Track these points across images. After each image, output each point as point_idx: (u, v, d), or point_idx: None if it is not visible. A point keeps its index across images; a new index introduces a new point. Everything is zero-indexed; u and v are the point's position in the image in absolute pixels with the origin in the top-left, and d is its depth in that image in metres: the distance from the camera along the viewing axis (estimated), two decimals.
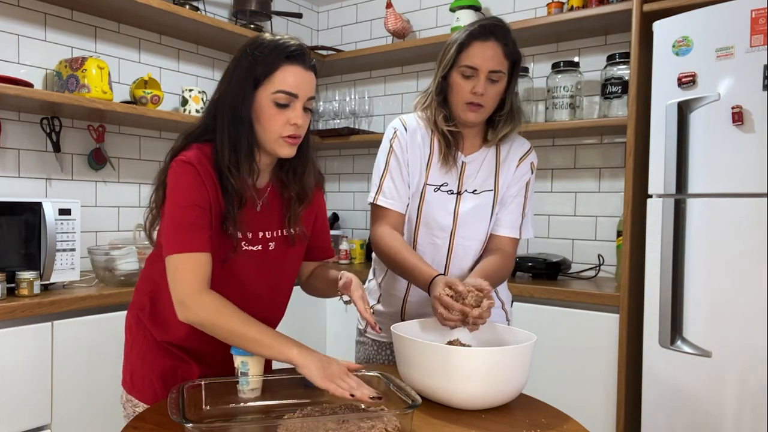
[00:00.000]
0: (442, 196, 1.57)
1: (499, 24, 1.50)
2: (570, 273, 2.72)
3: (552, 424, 1.14)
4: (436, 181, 1.57)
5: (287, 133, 1.24)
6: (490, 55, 1.46)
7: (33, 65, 2.41)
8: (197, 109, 2.74)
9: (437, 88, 1.55)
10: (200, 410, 1.14)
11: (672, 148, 2.00)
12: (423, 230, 1.58)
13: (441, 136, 1.55)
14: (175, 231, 1.20)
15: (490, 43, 1.46)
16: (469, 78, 1.48)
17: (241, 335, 1.16)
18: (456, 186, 1.57)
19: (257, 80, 1.22)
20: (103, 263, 2.21)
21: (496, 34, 1.47)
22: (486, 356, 1.19)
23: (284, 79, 1.22)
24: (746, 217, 1.85)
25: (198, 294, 1.17)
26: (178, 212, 1.20)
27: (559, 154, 2.88)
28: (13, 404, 1.84)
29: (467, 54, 1.47)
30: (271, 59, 1.21)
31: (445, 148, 1.55)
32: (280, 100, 1.22)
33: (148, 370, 1.35)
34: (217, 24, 2.76)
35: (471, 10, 2.89)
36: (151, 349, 1.36)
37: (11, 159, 2.36)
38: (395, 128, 1.59)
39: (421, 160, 1.57)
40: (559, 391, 2.24)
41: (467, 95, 1.48)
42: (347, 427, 1.02)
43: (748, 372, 1.84)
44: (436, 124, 1.55)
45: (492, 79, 1.48)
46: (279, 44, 1.23)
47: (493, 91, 1.49)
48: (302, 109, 1.24)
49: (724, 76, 1.90)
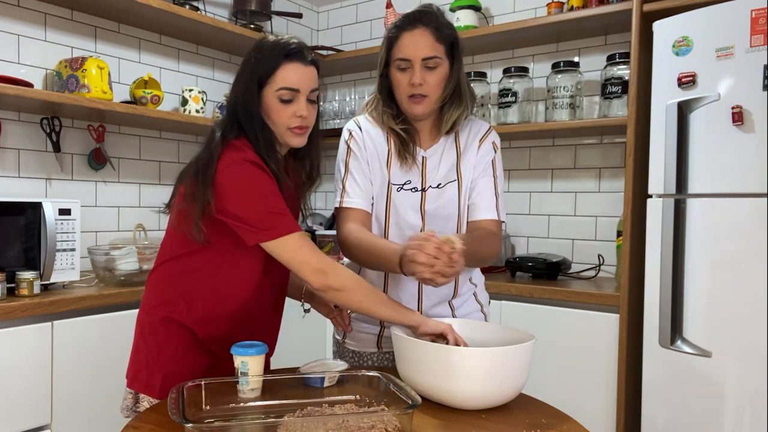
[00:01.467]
0: (408, 195, 1.52)
1: (425, 9, 1.45)
2: (570, 273, 2.72)
3: (552, 424, 1.14)
4: (399, 179, 1.52)
5: (294, 125, 1.34)
6: (420, 42, 1.42)
7: (33, 65, 2.41)
8: (197, 109, 2.74)
9: (379, 87, 1.53)
10: (200, 410, 1.14)
11: (672, 148, 2.00)
12: (394, 231, 1.53)
13: (394, 134, 1.52)
14: (277, 217, 1.28)
15: (418, 30, 1.43)
16: (405, 70, 1.44)
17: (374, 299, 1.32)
18: (420, 182, 1.53)
19: (261, 80, 1.33)
20: (103, 263, 2.21)
21: (423, 20, 1.43)
22: (486, 356, 1.19)
23: (285, 76, 1.32)
24: (746, 217, 1.85)
25: (332, 264, 1.30)
26: (267, 201, 1.28)
27: (559, 154, 2.88)
28: (13, 404, 1.84)
29: (398, 47, 1.44)
30: (271, 59, 1.32)
31: (400, 145, 1.51)
32: (284, 97, 1.32)
33: (187, 372, 1.34)
34: (217, 24, 2.76)
35: (471, 10, 2.89)
36: (188, 350, 1.36)
37: (11, 159, 2.36)
38: (350, 129, 1.56)
39: (380, 159, 1.53)
40: (559, 391, 2.24)
41: (407, 88, 1.45)
42: (347, 426, 1.02)
43: (748, 372, 1.84)
44: (388, 124, 1.52)
45: (428, 66, 1.43)
46: (278, 44, 1.34)
47: (433, 78, 1.44)
48: (306, 102, 1.34)
49: (724, 76, 1.90)
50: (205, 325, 1.36)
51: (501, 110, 2.81)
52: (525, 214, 2.98)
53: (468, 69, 3.02)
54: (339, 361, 1.39)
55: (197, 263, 1.35)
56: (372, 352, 1.61)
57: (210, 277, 1.35)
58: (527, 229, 2.97)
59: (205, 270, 1.35)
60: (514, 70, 2.79)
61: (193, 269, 1.35)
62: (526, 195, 2.98)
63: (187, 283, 1.36)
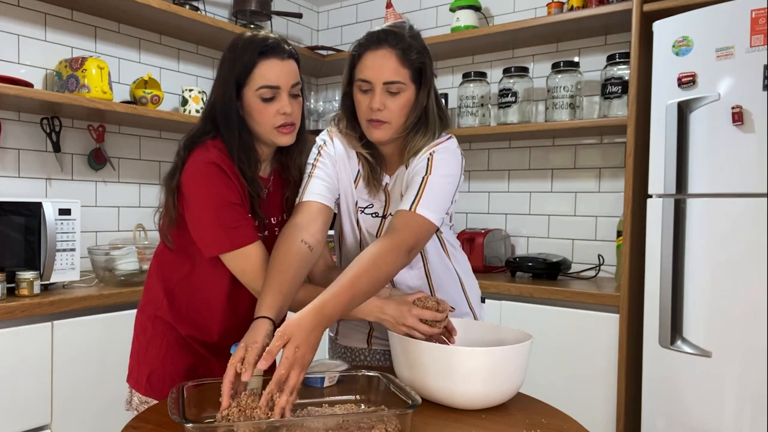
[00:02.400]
0: (367, 219, 1.45)
1: (393, 29, 1.33)
2: (570, 273, 2.72)
3: (552, 424, 1.14)
4: (362, 202, 1.45)
5: (279, 123, 1.29)
6: (382, 65, 1.30)
7: (33, 65, 2.41)
8: (197, 109, 2.74)
9: (343, 107, 1.41)
10: (200, 410, 1.14)
11: (672, 148, 2.00)
12: (356, 252, 1.41)
13: (362, 158, 1.41)
14: (223, 230, 1.25)
15: (382, 51, 1.31)
16: (366, 92, 1.33)
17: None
18: (381, 209, 1.44)
19: (239, 81, 1.28)
20: (103, 263, 2.21)
21: (389, 41, 1.31)
22: (486, 356, 1.19)
23: (263, 74, 1.27)
24: (746, 217, 1.85)
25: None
26: (220, 212, 1.25)
27: (559, 154, 2.88)
28: (13, 404, 1.84)
29: (360, 66, 1.34)
30: (246, 58, 1.27)
31: (368, 170, 1.41)
32: (264, 95, 1.28)
33: (170, 369, 1.36)
34: (217, 24, 2.76)
35: (471, 10, 2.89)
36: (171, 348, 1.37)
37: (11, 159, 2.36)
38: (324, 140, 1.45)
39: (349, 175, 1.44)
40: (559, 391, 2.24)
41: (367, 111, 1.33)
42: (347, 427, 1.02)
43: (748, 372, 1.84)
44: (354, 147, 1.42)
45: (390, 91, 1.31)
46: (253, 41, 1.29)
47: (395, 104, 1.32)
48: (289, 97, 1.30)
49: (724, 76, 1.90)
50: (188, 324, 1.37)
51: (501, 110, 2.81)
52: (525, 214, 2.98)
53: (468, 69, 3.02)
54: (339, 361, 1.39)
55: (177, 262, 1.37)
56: (362, 348, 1.60)
57: (188, 278, 1.36)
58: (527, 229, 2.98)
59: (184, 269, 1.36)
60: (514, 70, 2.79)
61: (175, 268, 1.37)
62: (526, 195, 2.98)
63: (169, 281, 1.38)
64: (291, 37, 3.55)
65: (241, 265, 1.27)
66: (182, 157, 1.30)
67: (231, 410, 1.05)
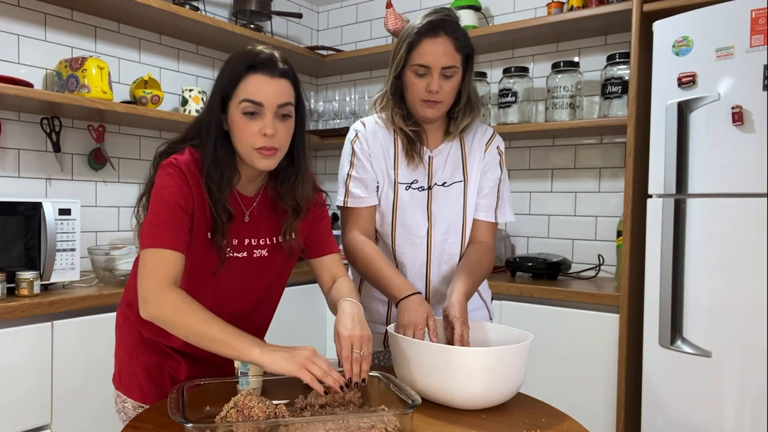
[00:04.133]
0: (414, 194, 1.56)
1: (447, 18, 1.46)
2: (570, 273, 2.72)
3: (552, 424, 1.14)
4: (406, 179, 1.56)
5: (259, 145, 1.21)
6: (441, 51, 1.43)
7: (33, 65, 2.41)
8: (197, 109, 2.74)
9: (392, 87, 1.53)
10: (200, 410, 1.14)
11: (672, 148, 2.00)
12: (400, 231, 1.56)
13: (402, 134, 1.54)
14: (153, 227, 1.20)
15: (440, 38, 1.43)
16: (422, 76, 1.46)
17: (202, 333, 1.13)
18: (426, 181, 1.56)
19: (224, 93, 1.23)
20: (103, 263, 2.21)
21: (446, 29, 1.44)
22: (485, 356, 1.19)
23: (247, 87, 1.21)
24: (746, 217, 1.85)
25: (161, 290, 1.15)
26: (161, 210, 1.20)
27: (559, 154, 2.88)
28: (13, 404, 1.84)
29: (418, 52, 1.45)
30: (236, 71, 1.22)
31: (408, 145, 1.54)
32: (246, 109, 1.21)
33: (134, 366, 1.36)
34: (217, 24, 2.76)
35: (471, 10, 2.89)
36: (137, 344, 1.37)
37: (11, 159, 2.36)
38: (356, 130, 1.59)
39: (386, 159, 1.56)
40: (559, 391, 2.23)
41: (422, 93, 1.47)
42: (347, 427, 1.02)
43: (748, 372, 1.84)
44: (395, 124, 1.54)
45: (446, 75, 1.45)
46: (246, 55, 1.23)
47: (449, 86, 1.47)
48: (274, 118, 1.22)
49: (724, 76, 1.90)
50: (151, 325, 1.29)
51: (501, 110, 2.81)
52: (525, 214, 2.98)
53: None
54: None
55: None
56: (378, 351, 1.63)
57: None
58: (527, 229, 2.97)
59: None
60: (514, 70, 2.79)
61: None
62: (526, 195, 2.98)
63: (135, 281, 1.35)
64: (291, 37, 3.55)
65: (145, 261, 1.18)
66: (155, 164, 1.27)
67: (229, 411, 1.05)
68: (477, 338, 1.40)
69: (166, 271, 1.17)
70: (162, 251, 1.17)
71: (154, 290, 1.16)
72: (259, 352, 1.11)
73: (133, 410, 1.35)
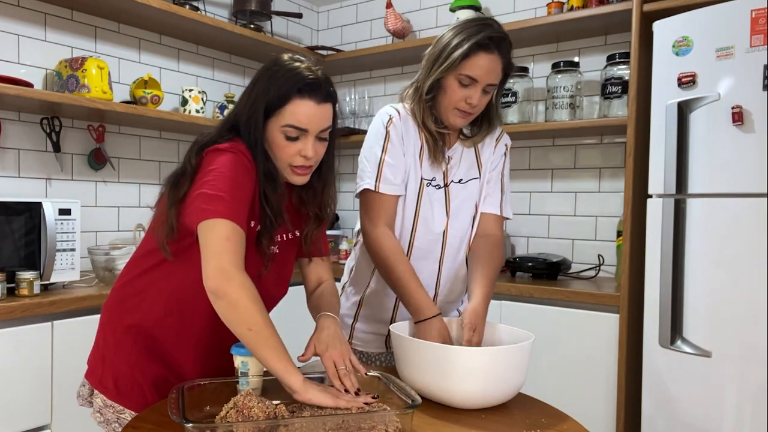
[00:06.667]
0: (433, 192, 1.56)
1: (505, 38, 1.47)
2: (570, 273, 2.72)
3: (552, 424, 1.14)
4: (427, 175, 1.55)
5: (297, 164, 1.23)
6: (492, 68, 1.44)
7: (33, 65, 2.41)
8: (197, 109, 2.74)
9: (429, 88, 1.48)
10: (200, 410, 1.14)
11: (672, 148, 2.00)
12: (421, 229, 1.55)
13: (429, 134, 1.53)
14: (232, 199, 1.14)
15: (495, 56, 1.44)
16: (465, 86, 1.44)
17: (258, 331, 1.09)
18: (442, 179, 1.57)
19: (268, 110, 1.21)
20: (103, 263, 2.21)
21: (501, 49, 1.45)
22: (486, 356, 1.19)
23: (294, 113, 1.20)
24: (746, 217, 1.85)
25: (239, 270, 1.11)
26: (234, 185, 1.15)
27: (559, 154, 2.88)
28: (13, 404, 1.84)
29: (470, 63, 1.42)
30: (283, 90, 1.19)
31: (433, 144, 1.53)
32: (289, 134, 1.21)
33: (138, 377, 1.31)
34: (217, 24, 2.76)
35: (471, 10, 2.88)
36: (141, 355, 1.31)
37: (11, 159, 2.36)
38: (390, 114, 1.53)
39: (414, 150, 1.54)
40: (559, 391, 2.24)
41: (460, 103, 1.46)
42: (347, 427, 1.02)
43: (748, 372, 1.84)
44: (425, 124, 1.52)
45: (486, 90, 1.46)
46: (294, 73, 1.20)
47: (485, 100, 1.49)
48: (314, 140, 1.22)
49: (724, 76, 1.90)
50: (160, 331, 1.29)
51: (501, 110, 2.81)
52: (525, 214, 2.98)
53: None
54: None
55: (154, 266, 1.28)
56: (380, 353, 1.63)
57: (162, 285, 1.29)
58: (527, 229, 2.97)
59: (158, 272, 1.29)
60: (514, 70, 2.78)
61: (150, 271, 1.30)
62: (526, 195, 2.98)
63: (142, 284, 1.31)
64: (291, 37, 3.55)
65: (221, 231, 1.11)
66: (194, 165, 1.20)
67: (229, 411, 1.05)
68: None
69: (241, 248, 1.13)
70: (234, 226, 1.12)
71: (238, 270, 1.10)
72: (300, 379, 1.11)
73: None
